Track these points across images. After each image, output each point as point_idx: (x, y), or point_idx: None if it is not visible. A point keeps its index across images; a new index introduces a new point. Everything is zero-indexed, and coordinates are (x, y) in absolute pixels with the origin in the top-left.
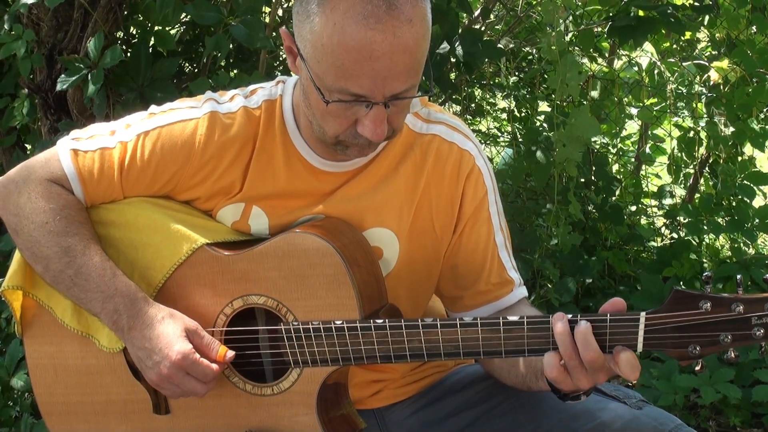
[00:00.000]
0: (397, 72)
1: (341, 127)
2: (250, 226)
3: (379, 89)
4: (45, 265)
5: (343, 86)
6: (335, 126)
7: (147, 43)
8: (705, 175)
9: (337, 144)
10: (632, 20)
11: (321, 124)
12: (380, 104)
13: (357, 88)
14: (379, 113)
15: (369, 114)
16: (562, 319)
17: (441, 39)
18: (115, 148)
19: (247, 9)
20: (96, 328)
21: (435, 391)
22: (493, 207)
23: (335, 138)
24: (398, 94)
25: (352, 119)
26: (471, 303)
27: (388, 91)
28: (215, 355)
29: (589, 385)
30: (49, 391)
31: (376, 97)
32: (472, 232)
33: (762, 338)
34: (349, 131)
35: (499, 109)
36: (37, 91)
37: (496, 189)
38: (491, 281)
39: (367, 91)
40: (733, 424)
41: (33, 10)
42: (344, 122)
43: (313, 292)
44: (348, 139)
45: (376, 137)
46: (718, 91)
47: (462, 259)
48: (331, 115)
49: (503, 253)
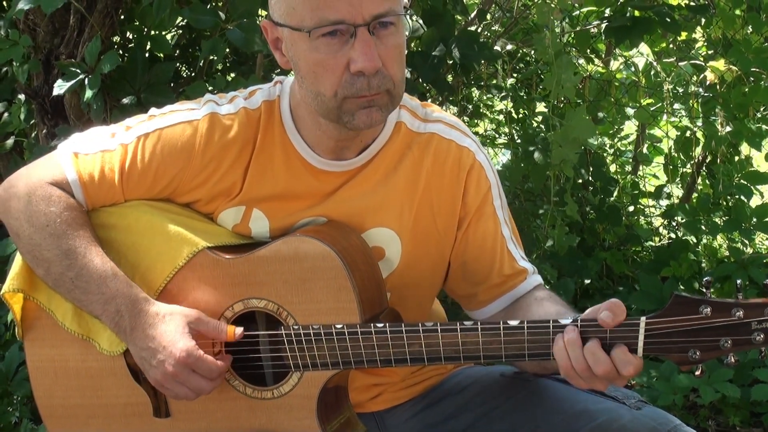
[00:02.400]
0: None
1: (335, 76)
2: (250, 229)
3: (355, 8)
4: (46, 268)
5: (320, 16)
6: (330, 78)
7: (144, 48)
8: (702, 174)
9: (341, 109)
10: (628, 21)
11: (317, 88)
12: (363, 27)
13: (334, 14)
14: (365, 39)
15: (355, 44)
16: (568, 336)
17: (437, 41)
18: (115, 151)
19: (244, 13)
20: (96, 331)
21: (435, 394)
22: (497, 201)
23: (335, 97)
24: (378, 14)
25: (343, 62)
26: (486, 298)
27: (367, 12)
28: (224, 336)
29: (605, 388)
30: (49, 395)
31: (355, 18)
32: (479, 227)
33: (762, 343)
34: (345, 79)
35: (497, 111)
36: (34, 96)
37: (499, 183)
38: (504, 273)
39: (345, 14)
40: (733, 424)
41: (29, 15)
42: (336, 69)
43: (314, 295)
44: (347, 91)
45: (369, 65)
46: (715, 90)
47: (471, 256)
48: (322, 66)
49: (511, 245)
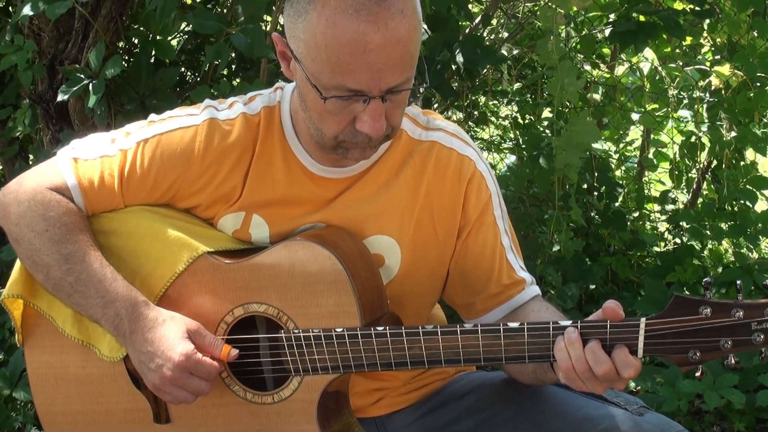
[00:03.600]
0: (392, 64)
1: (339, 126)
2: (250, 235)
3: (375, 83)
4: (46, 273)
5: (339, 82)
6: (333, 126)
7: (148, 53)
8: (707, 180)
9: (337, 147)
10: (633, 25)
11: (319, 126)
12: (377, 98)
13: (354, 83)
14: (377, 108)
15: (367, 109)
16: (569, 336)
17: (441, 46)
18: (115, 157)
19: (248, 18)
20: (97, 338)
21: (436, 399)
22: (497, 210)
23: (334, 139)
24: (394, 87)
25: (350, 117)
26: (484, 307)
27: (384, 85)
28: (219, 353)
29: (603, 389)
30: (50, 401)
31: (372, 90)
32: (478, 237)
33: (762, 344)
34: (348, 130)
35: (502, 117)
36: (38, 101)
37: (499, 192)
38: (502, 283)
39: (363, 86)
40: (738, 430)
41: (34, 20)
42: (342, 121)
43: (314, 299)
44: (347, 138)
45: (375, 132)
46: (720, 95)
47: (470, 265)
48: (329, 114)
49: (510, 255)
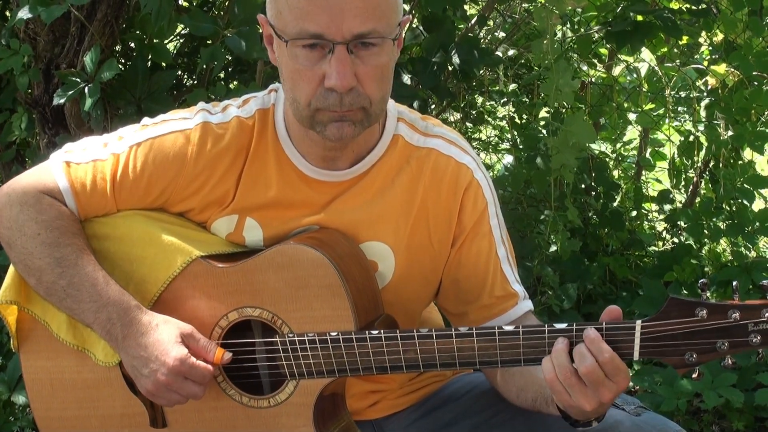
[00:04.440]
0: (354, 6)
1: (310, 87)
2: (244, 238)
3: (336, 25)
4: (38, 277)
5: (301, 27)
6: (305, 88)
7: (144, 56)
8: (705, 179)
9: (313, 119)
10: (629, 25)
11: (294, 95)
12: (341, 45)
13: (313, 26)
14: (342, 56)
15: (332, 61)
16: (556, 347)
17: (437, 47)
18: (107, 160)
19: (244, 20)
20: (92, 342)
21: (433, 401)
22: (494, 220)
23: (308, 107)
24: (359, 34)
25: (319, 75)
26: (476, 318)
27: (347, 30)
28: (212, 357)
29: (592, 404)
30: (46, 407)
31: (334, 35)
32: (473, 246)
33: (759, 345)
34: (319, 92)
35: (499, 117)
36: (34, 105)
37: (496, 202)
38: (495, 294)
39: (324, 28)
40: (737, 429)
41: (30, 24)
42: (312, 80)
43: (308, 303)
44: (320, 104)
45: (341, 85)
46: (717, 94)
47: (464, 274)
48: (299, 74)
49: (506, 266)
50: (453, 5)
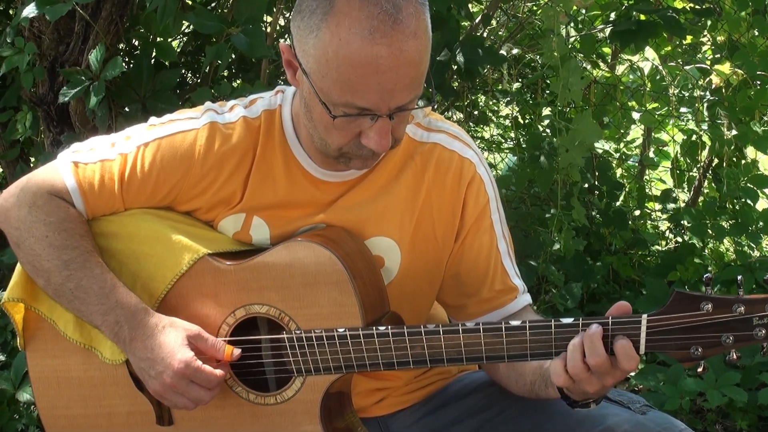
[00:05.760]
0: (403, 85)
1: (345, 140)
2: (251, 237)
3: (384, 102)
4: (46, 278)
5: (348, 100)
6: (339, 139)
7: (149, 55)
8: (708, 178)
9: (340, 156)
10: (633, 24)
11: (324, 138)
12: (385, 116)
13: (363, 102)
14: (384, 125)
15: (374, 126)
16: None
17: (442, 46)
18: (115, 160)
19: (248, 18)
20: (98, 341)
21: (439, 398)
22: (495, 215)
23: (338, 150)
24: (402, 105)
25: (356, 131)
26: (475, 311)
27: (394, 104)
28: (222, 355)
29: (595, 389)
30: (52, 405)
31: (381, 109)
32: (475, 240)
33: (764, 339)
34: (353, 143)
35: (503, 116)
36: (39, 104)
37: (497, 197)
38: (495, 288)
39: (372, 105)
40: (740, 428)
41: (34, 23)
42: (348, 135)
43: (316, 300)
44: (351, 150)
45: (380, 148)
46: (720, 94)
47: (465, 268)
48: (336, 129)
49: (506, 260)
50: (457, 4)
